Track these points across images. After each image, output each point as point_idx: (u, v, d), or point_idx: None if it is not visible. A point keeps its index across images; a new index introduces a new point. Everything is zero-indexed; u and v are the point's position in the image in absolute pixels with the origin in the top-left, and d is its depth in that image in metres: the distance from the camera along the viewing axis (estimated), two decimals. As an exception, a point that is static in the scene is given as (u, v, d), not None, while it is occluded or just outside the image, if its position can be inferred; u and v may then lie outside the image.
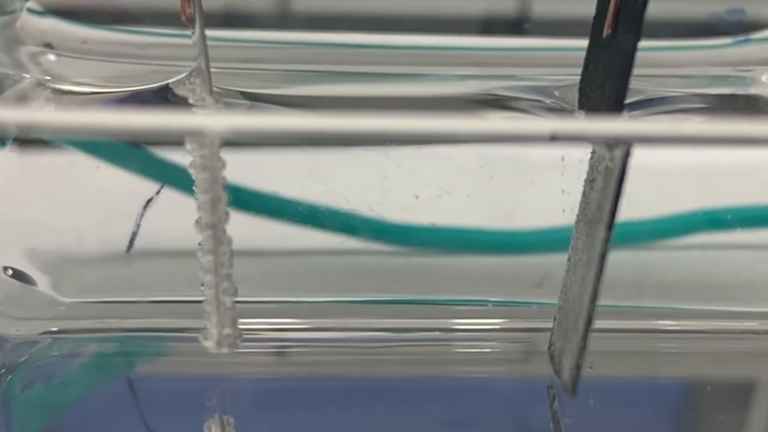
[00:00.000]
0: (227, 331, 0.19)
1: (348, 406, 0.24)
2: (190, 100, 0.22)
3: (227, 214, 0.18)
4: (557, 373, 0.22)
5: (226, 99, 0.24)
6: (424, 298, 0.26)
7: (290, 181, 0.24)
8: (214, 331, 0.19)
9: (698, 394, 0.26)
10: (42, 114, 0.15)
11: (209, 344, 0.18)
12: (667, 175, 0.25)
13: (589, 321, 0.20)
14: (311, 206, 0.24)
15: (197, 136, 0.16)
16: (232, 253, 0.18)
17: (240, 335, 0.19)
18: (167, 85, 0.23)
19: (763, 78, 0.25)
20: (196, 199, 0.18)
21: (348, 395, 0.25)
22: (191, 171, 0.17)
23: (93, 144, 0.24)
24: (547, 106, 0.24)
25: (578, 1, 0.21)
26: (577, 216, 0.21)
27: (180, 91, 0.23)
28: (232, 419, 0.23)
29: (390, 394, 0.25)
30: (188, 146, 0.17)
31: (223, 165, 0.17)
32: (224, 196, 0.18)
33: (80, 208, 0.25)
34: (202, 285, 0.18)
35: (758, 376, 0.26)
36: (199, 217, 0.17)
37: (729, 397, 0.25)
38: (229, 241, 0.18)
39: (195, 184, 0.17)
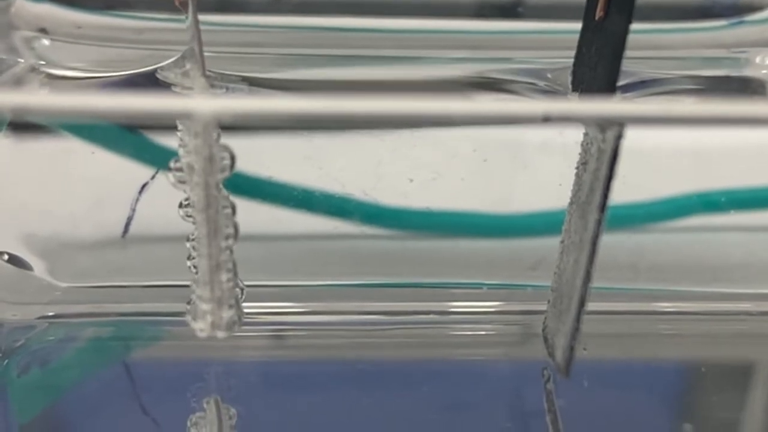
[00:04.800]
0: (227, 314, 0.19)
1: (344, 389, 0.24)
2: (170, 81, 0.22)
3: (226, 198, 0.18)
4: (551, 354, 0.22)
5: (223, 83, 0.24)
6: (420, 282, 0.26)
7: (285, 165, 0.24)
8: (208, 314, 0.19)
9: (693, 376, 0.26)
10: (35, 97, 0.15)
11: (198, 327, 0.18)
12: (661, 158, 0.25)
13: (582, 303, 0.20)
14: (306, 190, 0.24)
15: (186, 119, 0.16)
16: (234, 236, 0.18)
17: (241, 319, 0.19)
18: (158, 69, 0.23)
19: (757, 60, 0.25)
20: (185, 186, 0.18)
21: (344, 378, 0.25)
22: (180, 152, 0.17)
23: (88, 129, 0.24)
24: (540, 89, 0.24)
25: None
26: (570, 198, 0.21)
27: (164, 75, 0.23)
28: (232, 409, 0.23)
29: (386, 376, 0.25)
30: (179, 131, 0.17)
31: (220, 147, 0.18)
32: (217, 181, 0.18)
33: (75, 193, 0.25)
34: (195, 267, 0.18)
35: (753, 358, 0.26)
36: (186, 198, 0.17)
37: (723, 378, 0.25)
38: (227, 224, 0.18)
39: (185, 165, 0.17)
